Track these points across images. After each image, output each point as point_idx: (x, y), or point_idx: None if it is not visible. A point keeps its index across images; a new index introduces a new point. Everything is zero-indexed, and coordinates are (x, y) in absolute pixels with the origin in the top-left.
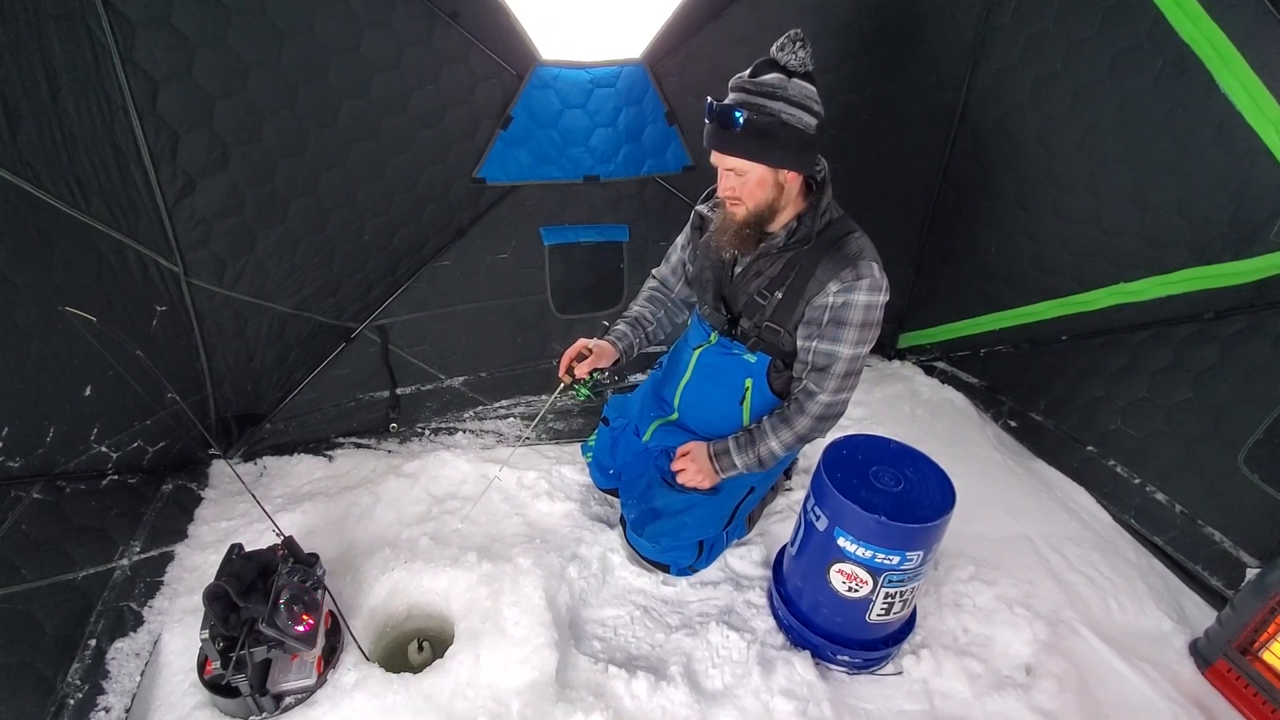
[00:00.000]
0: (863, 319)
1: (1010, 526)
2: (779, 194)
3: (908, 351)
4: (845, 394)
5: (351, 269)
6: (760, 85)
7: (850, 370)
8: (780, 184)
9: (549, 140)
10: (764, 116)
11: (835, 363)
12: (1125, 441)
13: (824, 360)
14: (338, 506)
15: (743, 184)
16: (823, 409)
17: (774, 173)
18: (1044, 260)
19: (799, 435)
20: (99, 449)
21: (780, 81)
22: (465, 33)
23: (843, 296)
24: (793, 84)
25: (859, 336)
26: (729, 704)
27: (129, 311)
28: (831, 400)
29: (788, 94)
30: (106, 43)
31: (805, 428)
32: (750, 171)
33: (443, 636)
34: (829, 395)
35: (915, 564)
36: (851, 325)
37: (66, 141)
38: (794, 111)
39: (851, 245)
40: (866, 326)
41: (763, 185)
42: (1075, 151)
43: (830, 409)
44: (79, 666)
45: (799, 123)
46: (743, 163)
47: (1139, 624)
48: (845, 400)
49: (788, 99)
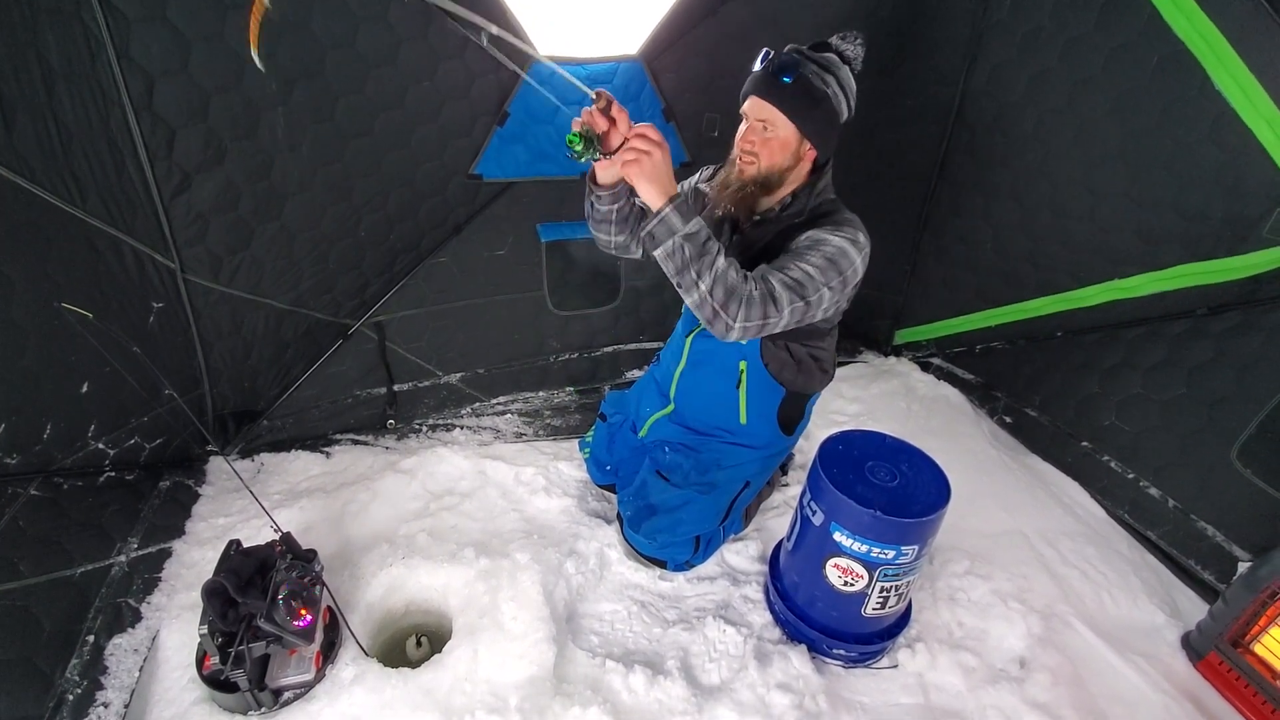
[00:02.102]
0: (833, 254)
1: (1005, 521)
2: (794, 163)
3: (904, 348)
4: (788, 295)
5: (348, 265)
6: (820, 57)
7: (803, 281)
8: (799, 155)
9: (546, 136)
10: (816, 83)
11: (789, 268)
12: (1119, 437)
13: (779, 264)
14: (335, 503)
15: (766, 140)
16: (764, 289)
17: (799, 140)
18: (1039, 256)
19: (730, 286)
20: (96, 445)
21: (837, 63)
22: (462, 29)
23: (818, 234)
24: (845, 71)
25: (822, 264)
26: (726, 698)
27: (126, 308)
28: (778, 291)
29: (840, 75)
30: (102, 38)
31: (736, 284)
32: (780, 129)
33: (441, 632)
34: (778, 285)
35: (910, 558)
36: (818, 252)
37: (62, 137)
38: (839, 92)
39: (843, 219)
40: (833, 264)
41: (785, 147)
42: (1071, 148)
43: (765, 298)
44: (77, 662)
45: (839, 105)
46: (779, 116)
47: (1132, 617)
48: (782, 308)
49: (840, 79)
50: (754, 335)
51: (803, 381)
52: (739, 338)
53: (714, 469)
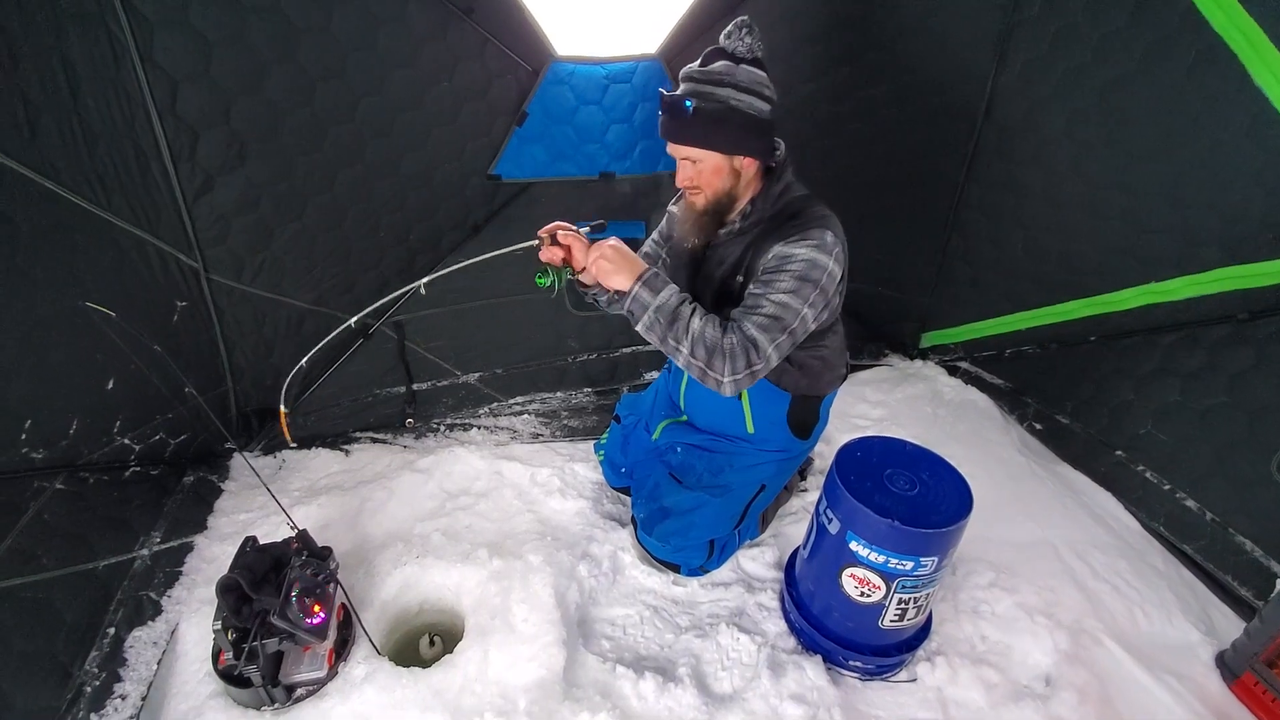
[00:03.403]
0: (801, 271)
1: (1033, 532)
2: (735, 180)
3: (930, 351)
4: (767, 338)
5: (368, 265)
6: (708, 73)
7: (778, 315)
8: (736, 170)
9: (564, 136)
10: (713, 103)
11: (762, 303)
12: (1155, 446)
13: (751, 300)
14: (353, 500)
15: (698, 172)
16: (743, 339)
17: (729, 159)
18: (1072, 259)
19: (710, 344)
20: (122, 441)
21: (728, 69)
22: (480, 29)
23: (784, 249)
24: (741, 70)
25: (793, 286)
26: (737, 707)
27: (150, 307)
28: (755, 336)
29: (736, 80)
30: (126, 42)
31: (715, 342)
32: (705, 159)
33: (453, 632)
34: (753, 329)
35: (930, 570)
36: (786, 273)
37: (88, 140)
38: (743, 97)
39: (809, 218)
40: (805, 281)
41: (719, 173)
42: (1104, 146)
43: (747, 348)
44: (96, 655)
45: (750, 108)
46: (696, 150)
47: (1165, 635)
48: (765, 352)
49: (736, 84)
50: (749, 384)
51: (809, 385)
52: (733, 391)
53: (727, 470)
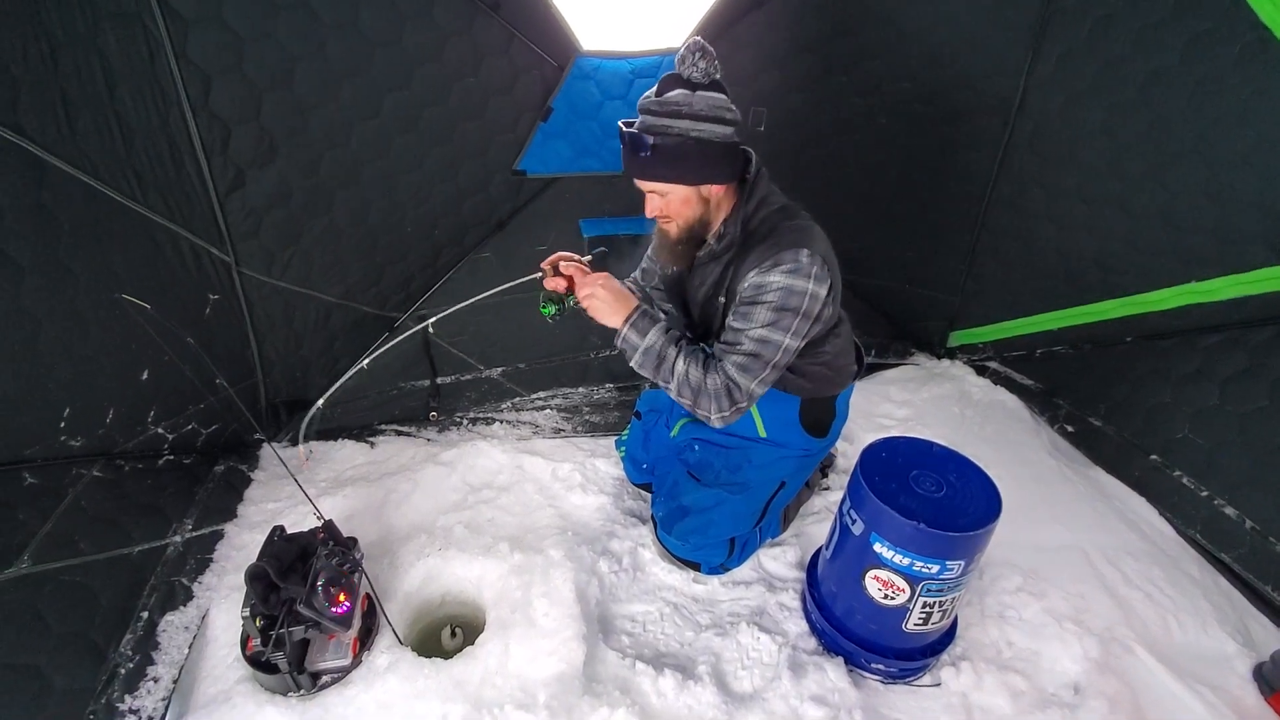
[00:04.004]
0: (778, 301)
1: (1063, 537)
2: (705, 207)
3: (958, 350)
4: (748, 378)
5: (393, 260)
6: (664, 104)
7: (757, 352)
8: (705, 198)
9: (589, 132)
10: (672, 137)
11: (741, 339)
12: (1193, 451)
13: (731, 335)
14: (378, 492)
15: (667, 204)
16: (725, 380)
17: (695, 189)
18: (1107, 257)
19: (695, 386)
20: (156, 430)
21: (685, 98)
22: (506, 24)
23: (758, 278)
24: (698, 97)
25: (770, 318)
26: (757, 707)
27: (184, 299)
28: (735, 377)
29: (694, 109)
30: (161, 39)
31: (699, 384)
32: (671, 192)
33: (475, 624)
34: (733, 370)
35: (956, 574)
36: (763, 305)
37: (124, 135)
38: (703, 126)
39: (784, 235)
40: (783, 310)
41: (687, 203)
42: (1143, 142)
43: (730, 388)
44: (131, 637)
45: (711, 135)
46: (659, 184)
47: (1200, 645)
48: (747, 390)
49: (694, 115)
50: (737, 418)
51: (816, 388)
52: (723, 425)
53: (745, 467)
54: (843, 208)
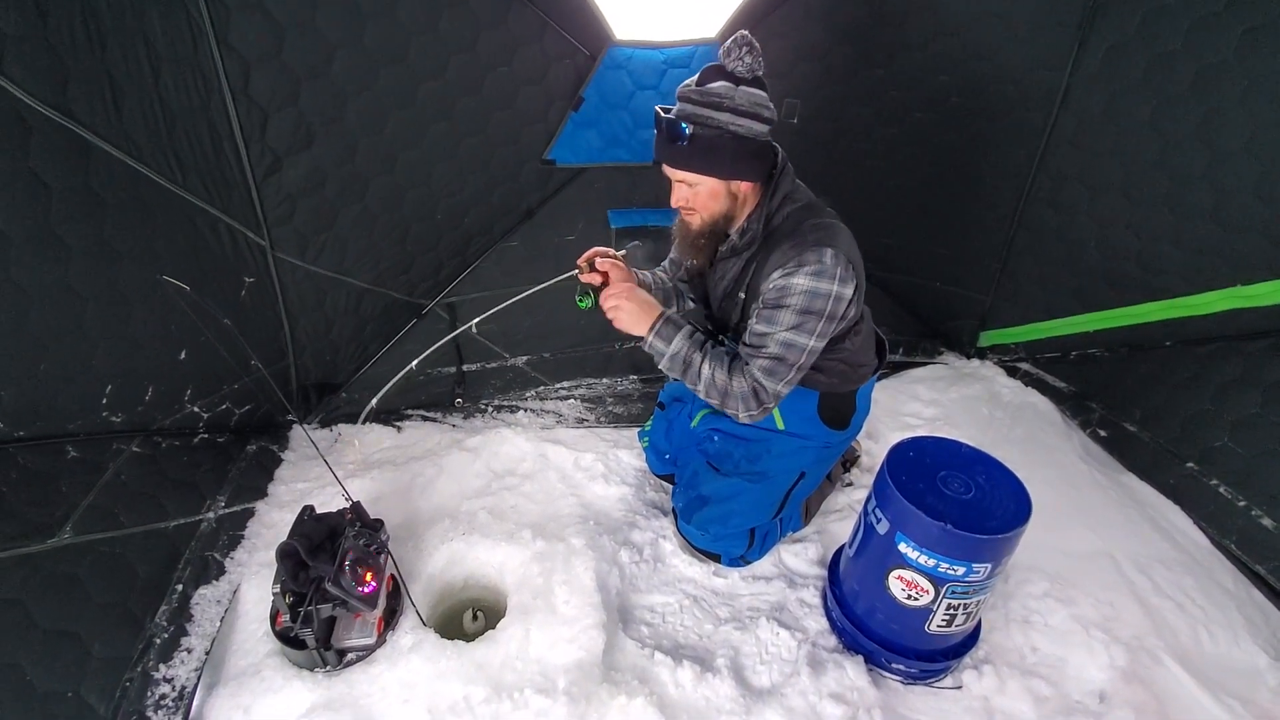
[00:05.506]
0: (803, 304)
1: (1092, 543)
2: (732, 203)
3: (989, 350)
4: (774, 381)
5: (424, 247)
6: (706, 95)
7: (782, 355)
8: (733, 194)
9: (620, 122)
10: (711, 129)
11: (766, 343)
12: (1232, 460)
13: (756, 339)
14: (404, 475)
15: (694, 195)
16: (751, 383)
17: (725, 184)
18: (1150, 258)
19: (721, 389)
20: (192, 409)
21: (727, 90)
22: (541, 13)
23: (783, 280)
24: (740, 92)
25: (795, 321)
26: (775, 702)
27: (221, 281)
28: (761, 380)
29: (735, 103)
30: (204, 25)
31: (725, 387)
32: (700, 183)
33: (496, 608)
34: (759, 373)
35: (982, 576)
36: (788, 309)
37: (166, 119)
38: (742, 121)
39: (807, 234)
40: (808, 314)
41: (715, 196)
42: (1193, 139)
43: (756, 390)
44: (166, 609)
45: (748, 132)
46: (691, 175)
47: (1231, 657)
48: (774, 391)
49: (735, 109)
50: (764, 416)
51: (835, 383)
52: (750, 423)
53: (765, 457)
54: (874, 203)
